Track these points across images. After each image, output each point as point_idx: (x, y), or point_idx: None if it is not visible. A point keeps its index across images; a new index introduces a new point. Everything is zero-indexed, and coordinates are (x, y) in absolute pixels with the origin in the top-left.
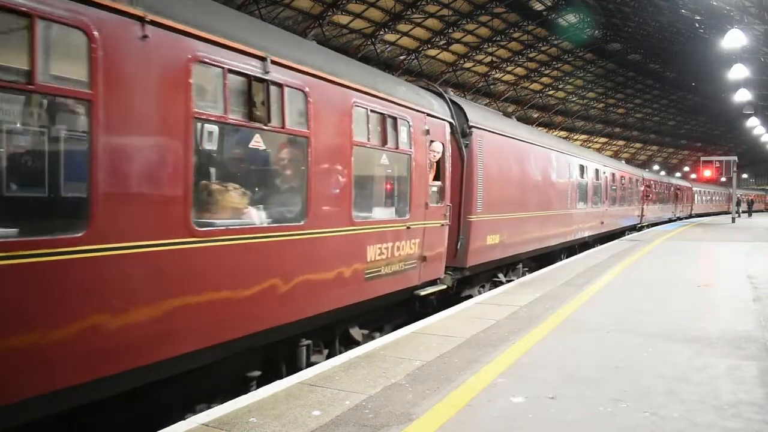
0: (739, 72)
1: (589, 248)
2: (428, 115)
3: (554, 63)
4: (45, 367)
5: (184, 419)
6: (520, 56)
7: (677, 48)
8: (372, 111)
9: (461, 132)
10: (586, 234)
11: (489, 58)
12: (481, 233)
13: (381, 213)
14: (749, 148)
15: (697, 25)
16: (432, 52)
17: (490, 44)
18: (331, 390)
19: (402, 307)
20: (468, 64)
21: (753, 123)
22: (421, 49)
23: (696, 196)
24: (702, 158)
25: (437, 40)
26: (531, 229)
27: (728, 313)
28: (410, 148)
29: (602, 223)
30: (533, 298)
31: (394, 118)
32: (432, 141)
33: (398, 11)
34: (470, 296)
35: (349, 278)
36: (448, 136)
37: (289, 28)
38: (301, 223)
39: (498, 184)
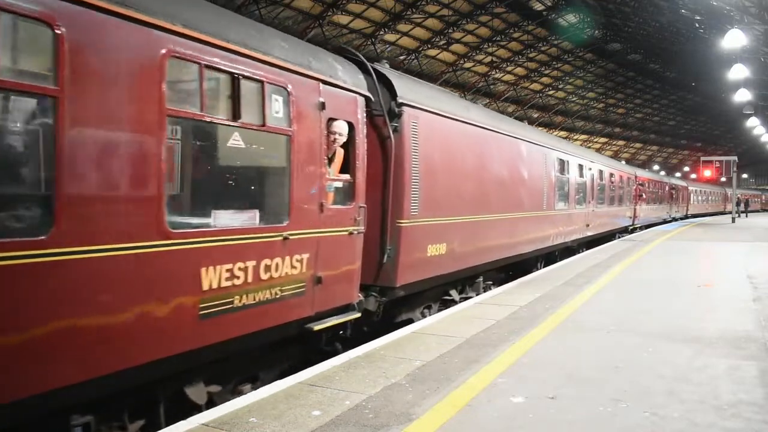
0: (739, 72)
1: (574, 254)
2: (326, 83)
3: (554, 63)
4: None
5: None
6: (520, 56)
7: (677, 48)
8: (210, 67)
9: (388, 112)
10: (569, 239)
11: (489, 58)
12: (419, 242)
13: (231, 218)
14: (749, 148)
15: (697, 25)
16: (432, 52)
17: (490, 44)
18: (331, 390)
19: (295, 347)
20: (468, 64)
21: (753, 123)
22: (421, 49)
23: (692, 195)
24: (702, 158)
25: (437, 40)
26: (494, 235)
27: (728, 313)
28: (289, 127)
29: (588, 225)
30: (533, 298)
31: (259, 82)
32: (333, 119)
33: (398, 11)
34: (410, 320)
35: (167, 318)
36: (361, 115)
37: (289, 28)
38: (43, 236)
39: (444, 179)
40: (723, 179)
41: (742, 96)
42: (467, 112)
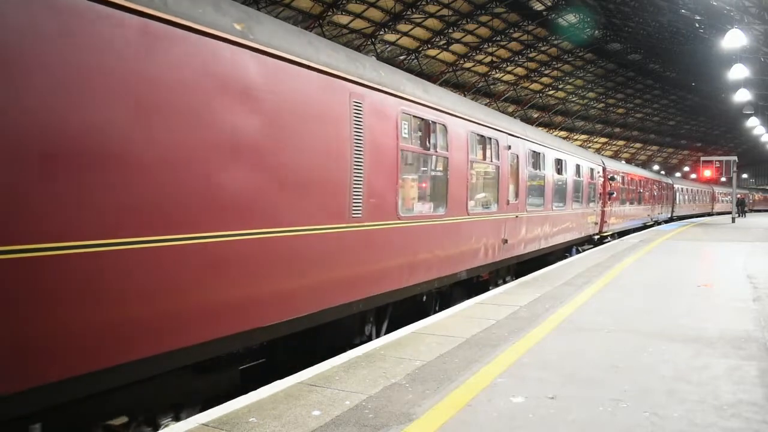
0: (739, 72)
1: (477, 294)
2: None
3: (554, 63)
4: None
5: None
6: (520, 56)
7: (677, 48)
8: None
9: None
10: (459, 268)
11: (489, 58)
12: None
13: None
14: (749, 148)
15: (697, 25)
16: (432, 52)
17: (490, 44)
18: (331, 390)
19: None
20: (468, 64)
21: (753, 123)
22: (421, 49)
23: (678, 195)
24: (702, 158)
25: (437, 40)
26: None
27: (728, 313)
28: None
29: (506, 241)
30: (533, 298)
31: None
32: None
33: (398, 11)
34: None
35: None
36: None
37: None
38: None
39: None
40: (723, 179)
41: (742, 96)
42: None
